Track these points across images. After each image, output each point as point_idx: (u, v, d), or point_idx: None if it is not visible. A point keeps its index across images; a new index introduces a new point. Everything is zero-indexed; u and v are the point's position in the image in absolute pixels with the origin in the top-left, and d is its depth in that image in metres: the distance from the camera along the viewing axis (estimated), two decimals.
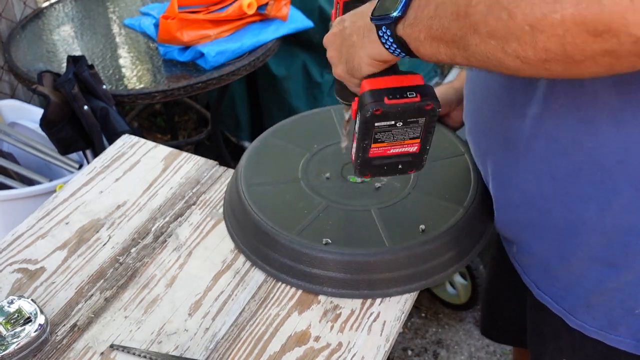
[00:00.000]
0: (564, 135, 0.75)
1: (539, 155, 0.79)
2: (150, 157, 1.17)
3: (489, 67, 0.63)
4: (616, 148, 0.72)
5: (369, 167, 0.82)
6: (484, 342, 1.97)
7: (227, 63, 1.75)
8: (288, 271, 0.91)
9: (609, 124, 0.71)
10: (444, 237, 0.91)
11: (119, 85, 1.70)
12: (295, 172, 1.02)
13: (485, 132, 0.88)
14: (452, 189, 0.99)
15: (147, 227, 1.03)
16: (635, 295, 0.81)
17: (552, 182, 0.79)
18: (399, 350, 1.96)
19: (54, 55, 1.83)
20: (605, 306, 0.84)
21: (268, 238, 0.93)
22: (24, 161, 1.85)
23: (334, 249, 0.89)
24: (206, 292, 0.92)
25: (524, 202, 0.85)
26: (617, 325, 0.84)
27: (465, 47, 0.63)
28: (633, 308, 0.82)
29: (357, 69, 0.76)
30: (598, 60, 0.55)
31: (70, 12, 2.04)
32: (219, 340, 0.85)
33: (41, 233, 1.02)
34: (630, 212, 0.75)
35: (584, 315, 0.87)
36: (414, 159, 0.82)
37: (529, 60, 0.59)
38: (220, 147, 2.21)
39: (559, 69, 0.58)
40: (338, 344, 0.84)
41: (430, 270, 0.92)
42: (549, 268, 0.88)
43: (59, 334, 0.87)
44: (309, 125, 1.13)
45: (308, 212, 0.95)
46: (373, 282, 0.89)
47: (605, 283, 0.82)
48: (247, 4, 1.77)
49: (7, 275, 0.95)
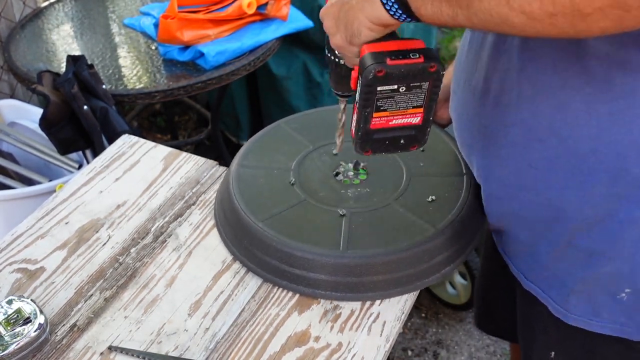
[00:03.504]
0: (539, 123, 0.76)
1: (517, 144, 0.79)
2: (150, 157, 1.17)
3: (492, 26, 0.62)
4: (589, 135, 0.72)
5: (369, 142, 0.78)
6: (484, 343, 1.96)
7: (227, 63, 1.74)
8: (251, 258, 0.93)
9: (582, 110, 0.71)
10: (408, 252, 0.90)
11: (118, 85, 1.69)
12: (290, 162, 1.03)
13: (467, 124, 0.89)
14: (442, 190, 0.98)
15: (146, 227, 1.03)
16: (617, 281, 0.82)
17: (531, 172, 0.80)
18: (399, 351, 1.95)
19: (54, 54, 1.83)
20: (589, 293, 0.85)
21: (235, 218, 0.94)
22: (24, 161, 1.85)
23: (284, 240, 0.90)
24: (206, 292, 0.92)
25: (506, 194, 0.86)
26: (600, 311, 0.85)
27: (468, 5, 0.61)
28: (615, 294, 0.83)
29: (357, 34, 0.72)
30: (607, 12, 0.54)
31: (70, 12, 2.04)
32: (219, 340, 0.85)
33: (41, 233, 1.02)
34: (607, 200, 0.76)
35: (567, 303, 0.88)
36: (417, 132, 0.78)
37: (534, 15, 0.57)
38: (220, 147, 2.21)
39: (565, 24, 0.57)
40: (338, 344, 0.84)
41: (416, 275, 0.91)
42: (536, 257, 0.89)
43: (58, 334, 0.86)
44: (323, 120, 1.12)
45: (283, 203, 0.95)
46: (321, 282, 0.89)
47: (587, 270, 0.83)
48: (247, 3, 1.77)
49: (6, 275, 0.95)
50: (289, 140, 1.07)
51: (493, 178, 0.87)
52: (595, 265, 0.82)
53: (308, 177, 1.00)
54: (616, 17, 0.55)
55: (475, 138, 0.87)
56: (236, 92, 2.31)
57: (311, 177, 1.01)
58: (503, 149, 0.82)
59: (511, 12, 0.59)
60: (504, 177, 0.84)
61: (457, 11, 0.63)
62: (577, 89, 0.71)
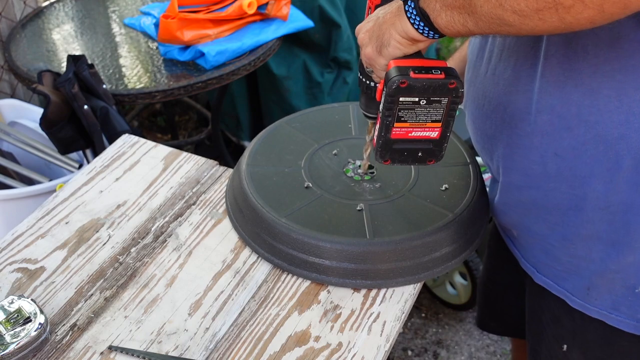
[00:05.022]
0: (567, 110, 0.77)
1: (544, 131, 0.81)
2: (150, 157, 1.17)
3: (496, 28, 0.68)
4: (618, 121, 0.74)
5: (389, 151, 0.83)
6: (484, 343, 1.96)
7: (227, 63, 1.74)
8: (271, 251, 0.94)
9: (613, 96, 0.73)
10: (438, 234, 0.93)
11: (119, 85, 1.70)
12: (300, 161, 1.04)
13: (489, 115, 0.89)
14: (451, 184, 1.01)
15: (147, 227, 1.03)
16: (637, 273, 0.82)
17: (556, 160, 0.81)
18: (399, 351, 1.95)
19: (54, 54, 1.83)
20: (607, 286, 0.86)
21: (256, 216, 0.95)
22: (24, 161, 1.85)
23: (314, 234, 0.91)
24: (206, 292, 0.92)
25: (527, 183, 0.87)
26: (619, 305, 0.86)
27: (473, 11, 0.68)
28: (634, 287, 0.83)
29: (386, 45, 0.79)
30: (587, 2, 0.59)
31: (70, 12, 2.04)
32: (219, 340, 0.85)
33: (41, 233, 1.02)
34: (632, 187, 0.77)
35: (585, 296, 0.88)
36: (434, 146, 0.83)
37: (523, 12, 0.63)
38: (221, 147, 2.21)
39: (553, 18, 0.62)
40: (338, 344, 0.84)
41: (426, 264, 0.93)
42: (551, 250, 0.90)
43: (58, 333, 0.86)
44: (323, 119, 1.14)
45: (301, 199, 0.97)
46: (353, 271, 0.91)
47: (606, 262, 0.84)
48: (247, 3, 1.77)
49: (6, 274, 0.95)
50: (294, 140, 1.09)
51: (515, 167, 0.87)
52: (614, 257, 0.82)
53: (320, 175, 1.02)
54: (597, 6, 0.59)
55: (499, 128, 0.88)
56: (236, 92, 2.31)
57: (323, 174, 1.02)
58: (529, 137, 0.83)
59: (505, 12, 0.65)
60: (528, 166, 0.85)
61: (466, 18, 0.69)
62: (608, 75, 0.73)
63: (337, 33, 2.09)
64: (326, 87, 2.19)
